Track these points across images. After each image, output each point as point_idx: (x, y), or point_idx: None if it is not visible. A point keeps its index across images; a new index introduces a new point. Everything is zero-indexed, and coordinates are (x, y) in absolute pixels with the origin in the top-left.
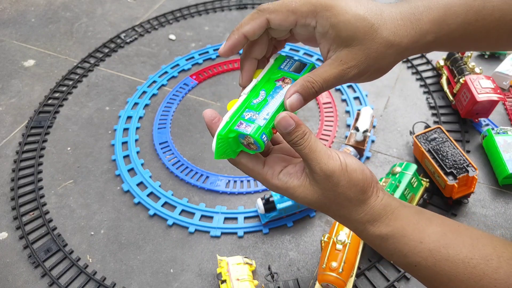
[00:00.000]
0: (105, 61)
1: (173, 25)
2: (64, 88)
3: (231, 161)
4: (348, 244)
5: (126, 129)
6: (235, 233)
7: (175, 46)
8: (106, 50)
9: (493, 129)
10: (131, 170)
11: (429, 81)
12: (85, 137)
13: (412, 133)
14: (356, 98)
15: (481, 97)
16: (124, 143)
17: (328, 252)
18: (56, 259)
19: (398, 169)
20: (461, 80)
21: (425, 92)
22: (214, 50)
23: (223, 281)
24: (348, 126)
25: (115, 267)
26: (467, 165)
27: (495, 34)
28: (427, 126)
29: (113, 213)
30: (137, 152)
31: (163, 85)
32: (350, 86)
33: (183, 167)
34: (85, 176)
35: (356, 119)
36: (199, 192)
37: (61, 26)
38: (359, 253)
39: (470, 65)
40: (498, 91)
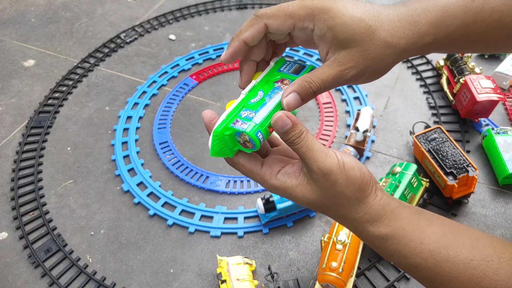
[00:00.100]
0: (105, 61)
1: (173, 25)
2: (64, 88)
3: (229, 162)
4: (348, 244)
5: (126, 129)
6: (235, 233)
7: (175, 46)
8: (106, 50)
9: (493, 129)
10: (131, 170)
11: (429, 81)
12: (85, 137)
13: (412, 133)
14: (356, 98)
15: (481, 97)
16: (124, 143)
17: (328, 252)
18: (56, 259)
19: (398, 169)
20: (461, 80)
21: (425, 92)
22: (214, 50)
23: (223, 281)
24: (348, 126)
25: (115, 267)
26: (467, 165)
27: (494, 35)
28: (427, 126)
29: (113, 213)
30: (137, 152)
31: (163, 85)
32: (350, 86)
33: (183, 167)
34: (85, 176)
35: (356, 119)
36: (199, 192)
37: (61, 26)
38: (359, 253)
39: (470, 65)
40: (498, 91)
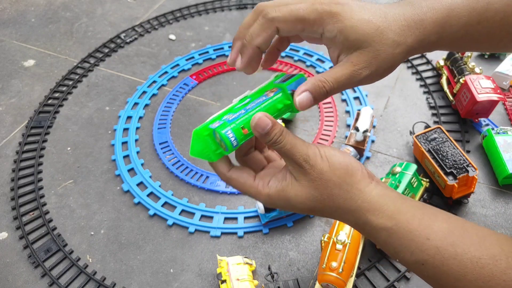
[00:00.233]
0: (105, 61)
1: (173, 25)
2: (64, 88)
3: (223, 178)
4: (348, 244)
5: (126, 129)
6: (235, 233)
7: (175, 46)
8: (106, 50)
9: (493, 129)
10: (131, 170)
11: (429, 81)
12: (85, 137)
13: (412, 133)
14: (356, 98)
15: (481, 97)
16: (124, 143)
17: (328, 252)
18: (56, 259)
19: (398, 169)
20: (461, 80)
21: (425, 92)
22: (214, 50)
23: (223, 281)
24: (348, 126)
25: (115, 267)
26: (467, 165)
27: (498, 35)
28: (427, 126)
29: (113, 213)
30: (137, 152)
31: (163, 85)
32: None
33: (183, 167)
34: (85, 176)
35: (356, 119)
36: (199, 192)
37: (61, 26)
38: (359, 253)
39: (470, 65)
40: (498, 91)
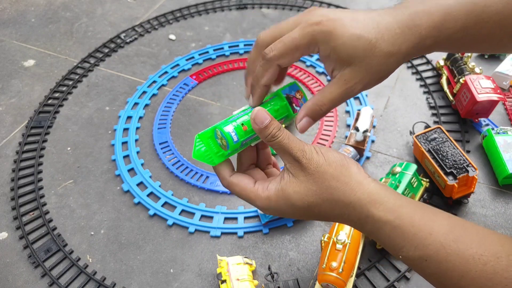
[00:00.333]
0: (105, 61)
1: (173, 25)
2: (64, 88)
3: (224, 183)
4: (348, 244)
5: (126, 129)
6: (235, 233)
7: (175, 46)
8: (106, 50)
9: (493, 129)
10: (131, 170)
11: (429, 81)
12: (85, 137)
13: (412, 133)
14: (356, 98)
15: (481, 97)
16: (124, 143)
17: (328, 252)
18: (56, 259)
19: (398, 169)
20: (461, 80)
21: (425, 92)
22: (214, 50)
23: (223, 281)
24: (348, 126)
25: (115, 267)
26: (467, 165)
27: (496, 37)
28: (427, 126)
29: (113, 213)
30: (137, 152)
31: (163, 85)
32: None
33: (183, 167)
34: (85, 176)
35: (356, 119)
36: (199, 192)
37: (61, 26)
38: (359, 253)
39: (470, 65)
40: (498, 91)
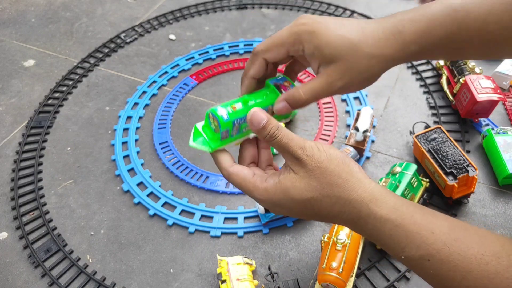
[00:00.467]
0: (105, 61)
1: (173, 25)
2: (64, 88)
3: (224, 174)
4: (348, 244)
5: (126, 129)
6: (235, 233)
7: (175, 46)
8: (106, 50)
9: (493, 129)
10: (131, 170)
11: (429, 81)
12: (85, 137)
13: (412, 133)
14: (356, 98)
15: (481, 97)
16: (124, 143)
17: (328, 252)
18: (56, 259)
19: (398, 169)
20: (461, 80)
21: (425, 92)
22: (214, 50)
23: (223, 281)
24: (348, 126)
25: (115, 267)
26: (467, 165)
27: (479, 42)
28: (427, 126)
29: (113, 213)
30: (137, 152)
31: (163, 85)
32: None
33: (183, 167)
34: (85, 176)
35: (356, 119)
36: (199, 192)
37: (61, 26)
38: (359, 253)
39: (470, 65)
40: (498, 91)
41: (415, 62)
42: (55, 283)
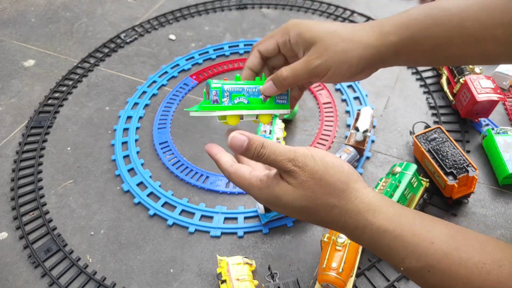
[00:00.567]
0: (105, 61)
1: (173, 25)
2: (64, 88)
3: (225, 173)
4: (348, 244)
5: (126, 129)
6: (235, 233)
7: (175, 46)
8: (106, 50)
9: (493, 129)
10: (131, 170)
11: (429, 81)
12: (85, 137)
13: (412, 133)
14: (356, 98)
15: (481, 97)
16: (124, 143)
17: (328, 252)
18: (56, 259)
19: (398, 169)
20: (461, 80)
21: (425, 92)
22: (214, 50)
23: (223, 281)
24: (348, 126)
25: (115, 267)
26: (467, 165)
27: (459, 40)
28: (427, 126)
29: (113, 213)
30: (137, 152)
31: (163, 85)
32: (350, 86)
33: (183, 167)
34: (85, 176)
35: (356, 119)
36: (199, 192)
37: (61, 26)
38: (359, 253)
39: (470, 65)
40: (498, 91)
41: None
42: (55, 283)
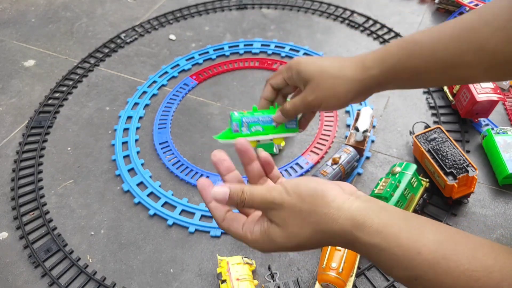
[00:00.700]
0: (105, 61)
1: (173, 25)
2: (64, 88)
3: (220, 228)
4: None
5: (126, 129)
6: None
7: (175, 46)
8: (106, 50)
9: (493, 129)
10: (131, 170)
11: None
12: (85, 137)
13: (412, 133)
14: None
15: (480, 97)
16: (124, 143)
17: (328, 252)
18: (56, 259)
19: (398, 169)
20: None
21: (425, 92)
22: (214, 50)
23: (223, 281)
24: (348, 126)
25: (115, 267)
26: (467, 165)
27: (434, 69)
28: (427, 126)
29: (113, 213)
30: (137, 152)
31: (163, 85)
32: None
33: (183, 167)
34: (85, 176)
35: (356, 119)
36: (199, 192)
37: (61, 26)
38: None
39: None
40: (498, 91)
41: None
42: (55, 283)
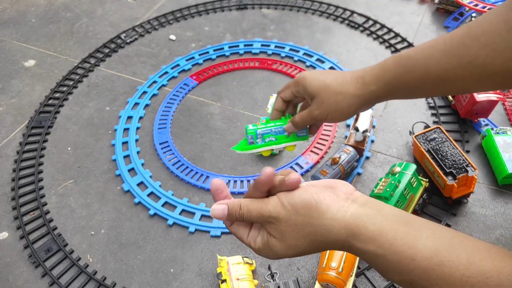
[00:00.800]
0: (105, 61)
1: (173, 25)
2: (65, 88)
3: (230, 231)
4: None
5: (126, 129)
6: None
7: (175, 46)
8: (106, 50)
9: (492, 129)
10: (131, 170)
11: None
12: (85, 137)
13: (411, 133)
14: None
15: (480, 97)
16: (125, 143)
17: (328, 252)
18: (56, 259)
19: (397, 169)
20: None
21: None
22: (214, 50)
23: (223, 281)
24: (348, 126)
25: (115, 267)
26: (467, 165)
27: (429, 82)
28: (427, 126)
29: (113, 213)
30: (138, 152)
31: (163, 85)
32: None
33: (183, 167)
34: (86, 176)
35: (356, 119)
36: (199, 192)
37: (62, 26)
38: None
39: None
40: (498, 91)
41: None
42: (55, 283)
